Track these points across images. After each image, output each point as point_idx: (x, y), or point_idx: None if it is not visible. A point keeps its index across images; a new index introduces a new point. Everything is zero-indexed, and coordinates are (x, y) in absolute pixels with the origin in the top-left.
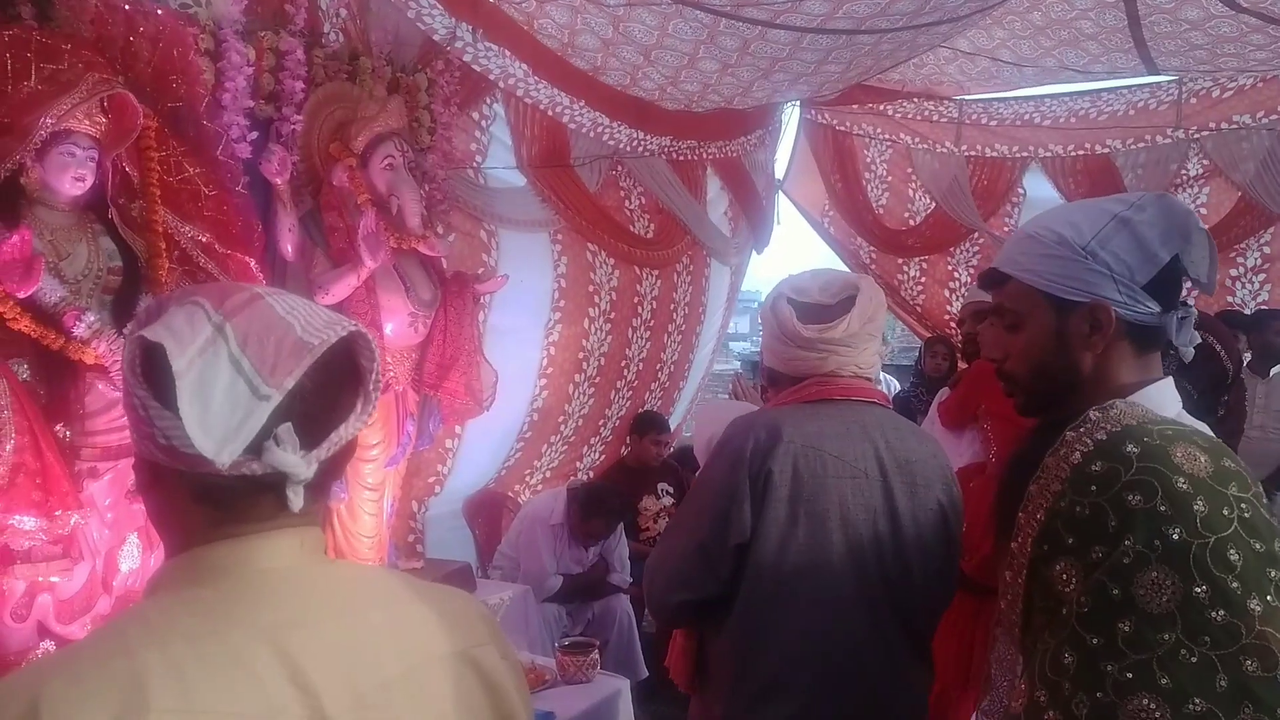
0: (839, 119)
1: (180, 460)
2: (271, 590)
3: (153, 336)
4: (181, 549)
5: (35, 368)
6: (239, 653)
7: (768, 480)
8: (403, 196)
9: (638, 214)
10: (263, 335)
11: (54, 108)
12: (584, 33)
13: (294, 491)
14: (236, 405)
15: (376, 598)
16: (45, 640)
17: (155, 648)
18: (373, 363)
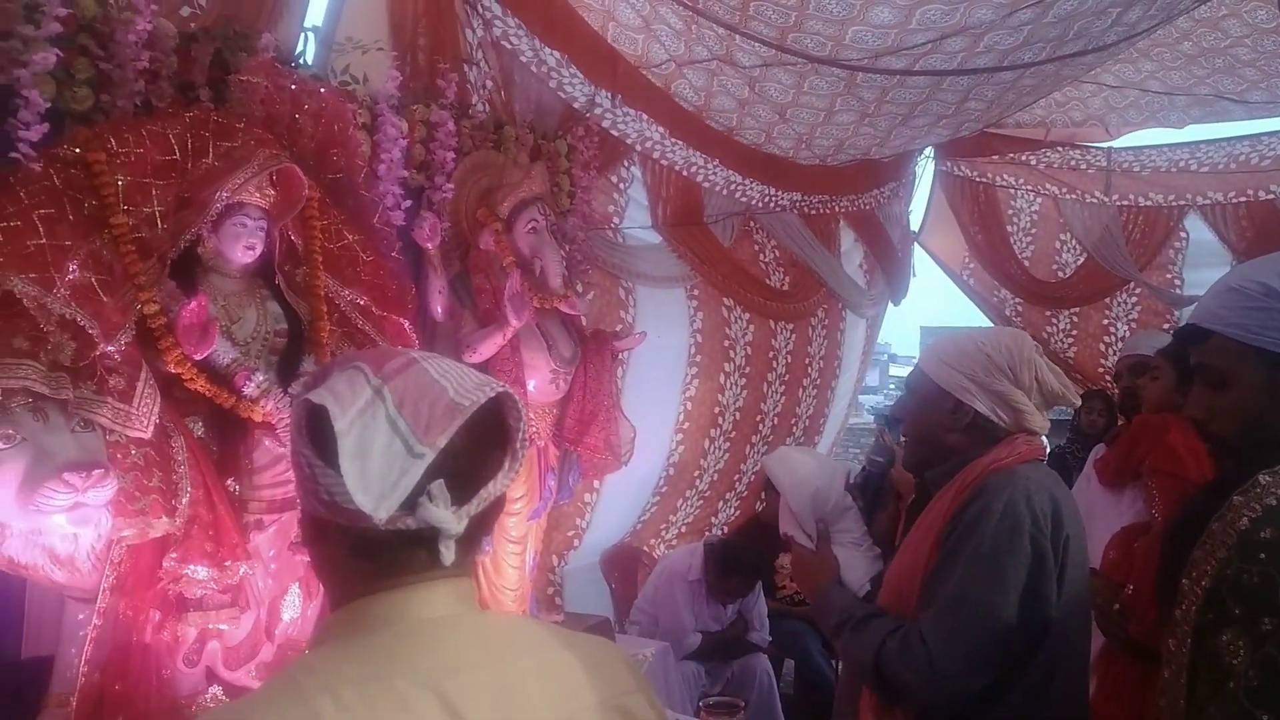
0: (977, 170)
1: (341, 515)
2: (430, 638)
3: (317, 399)
4: (344, 601)
5: (209, 425)
6: (403, 698)
7: (1066, 546)
8: (545, 258)
9: (773, 267)
10: (418, 397)
11: (229, 182)
12: (720, 94)
13: (446, 546)
14: (393, 463)
15: (529, 646)
16: (213, 685)
17: (326, 694)
18: (519, 422)
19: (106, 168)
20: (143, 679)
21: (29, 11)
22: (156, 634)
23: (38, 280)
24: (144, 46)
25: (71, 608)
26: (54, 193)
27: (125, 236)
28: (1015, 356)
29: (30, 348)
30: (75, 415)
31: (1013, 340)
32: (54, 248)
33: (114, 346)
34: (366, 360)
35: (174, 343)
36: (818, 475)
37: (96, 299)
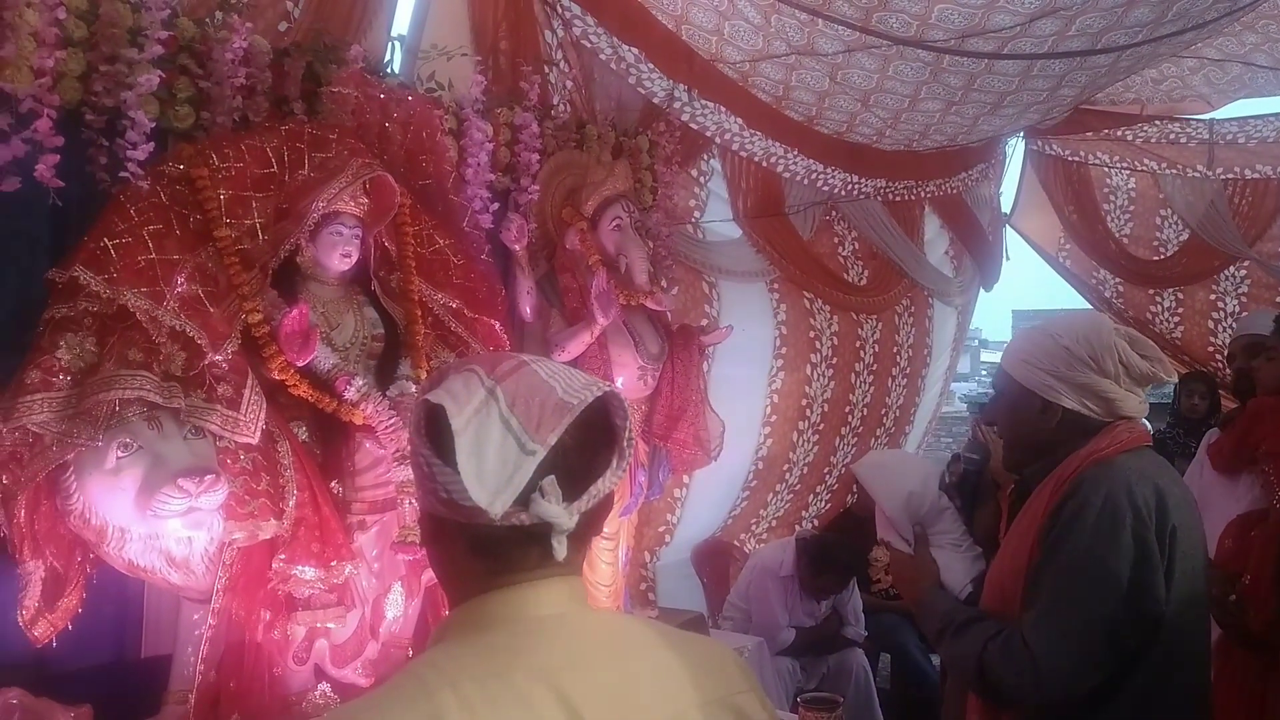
0: (1070, 149)
1: (459, 513)
2: (546, 635)
3: (435, 399)
4: (461, 599)
5: (312, 429)
6: (522, 693)
7: (1173, 537)
8: (630, 255)
9: (851, 260)
10: (529, 397)
11: (325, 193)
12: (798, 89)
13: (558, 541)
14: (507, 460)
15: (641, 644)
16: (322, 683)
17: (449, 689)
18: (625, 421)
19: (209, 183)
20: (255, 676)
21: (133, 35)
22: (267, 633)
23: (149, 294)
24: (240, 63)
25: (187, 608)
26: (161, 209)
27: (229, 249)
28: (1095, 344)
29: (144, 359)
30: (187, 423)
31: (1090, 327)
32: (163, 262)
33: (222, 356)
34: (480, 363)
35: (277, 350)
36: (910, 479)
37: (204, 310)
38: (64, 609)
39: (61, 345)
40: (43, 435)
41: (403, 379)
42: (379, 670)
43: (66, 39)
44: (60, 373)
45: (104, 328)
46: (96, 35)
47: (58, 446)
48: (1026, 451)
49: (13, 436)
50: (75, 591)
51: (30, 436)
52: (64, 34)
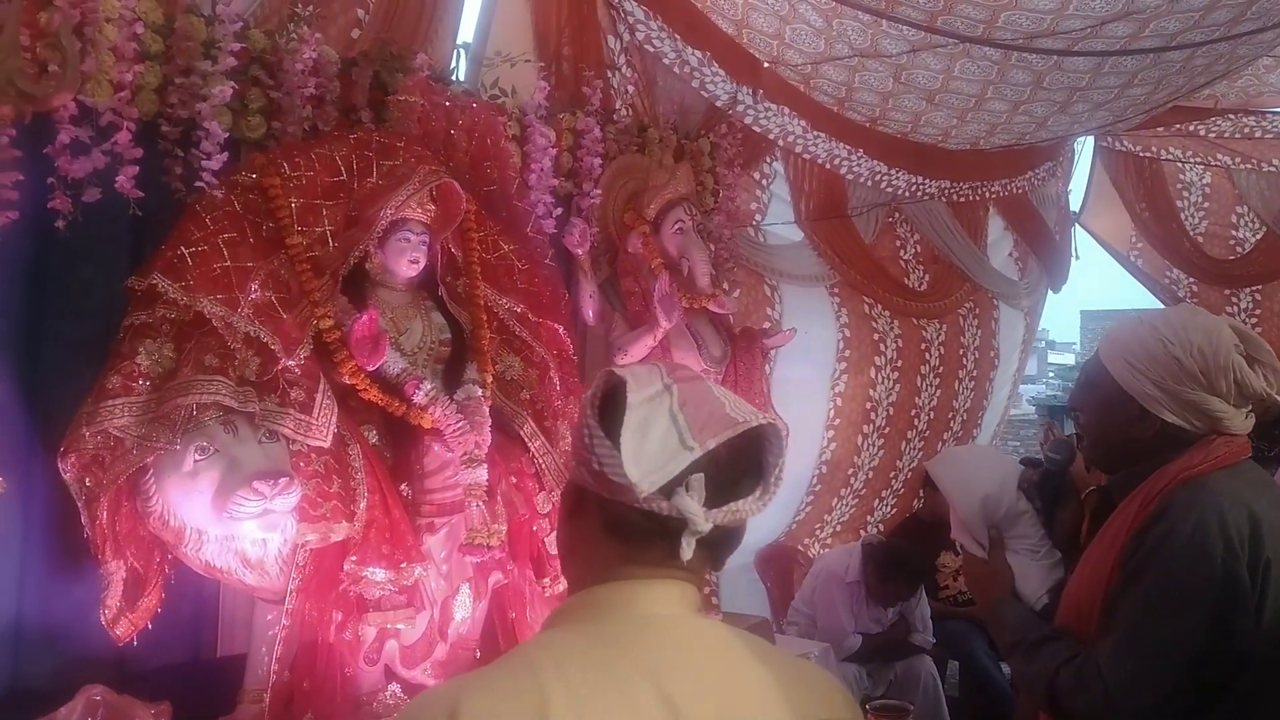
0: (1141, 144)
1: (605, 486)
2: (656, 633)
3: (620, 374)
4: (580, 584)
5: (382, 433)
6: (625, 685)
7: (1267, 569)
8: (692, 258)
9: (912, 265)
10: (699, 402)
11: (393, 200)
12: (861, 89)
13: (688, 542)
14: (666, 449)
15: (747, 657)
16: (392, 684)
17: (555, 671)
18: (778, 459)
19: (281, 191)
20: (328, 676)
21: (206, 48)
22: (339, 633)
23: (224, 301)
24: (310, 74)
25: (261, 609)
26: (235, 217)
27: (300, 256)
28: (1210, 361)
29: (220, 364)
30: (261, 427)
31: (1206, 340)
32: (237, 269)
33: (294, 361)
34: (663, 364)
35: (348, 355)
36: (987, 480)
37: (277, 316)
38: (144, 608)
39: (141, 351)
40: (123, 439)
41: (469, 383)
42: (447, 672)
43: (144, 53)
44: (140, 378)
45: (181, 334)
46: (172, 48)
47: (138, 450)
48: (1114, 454)
49: (95, 440)
50: (155, 591)
51: (111, 440)
52: (141, 48)
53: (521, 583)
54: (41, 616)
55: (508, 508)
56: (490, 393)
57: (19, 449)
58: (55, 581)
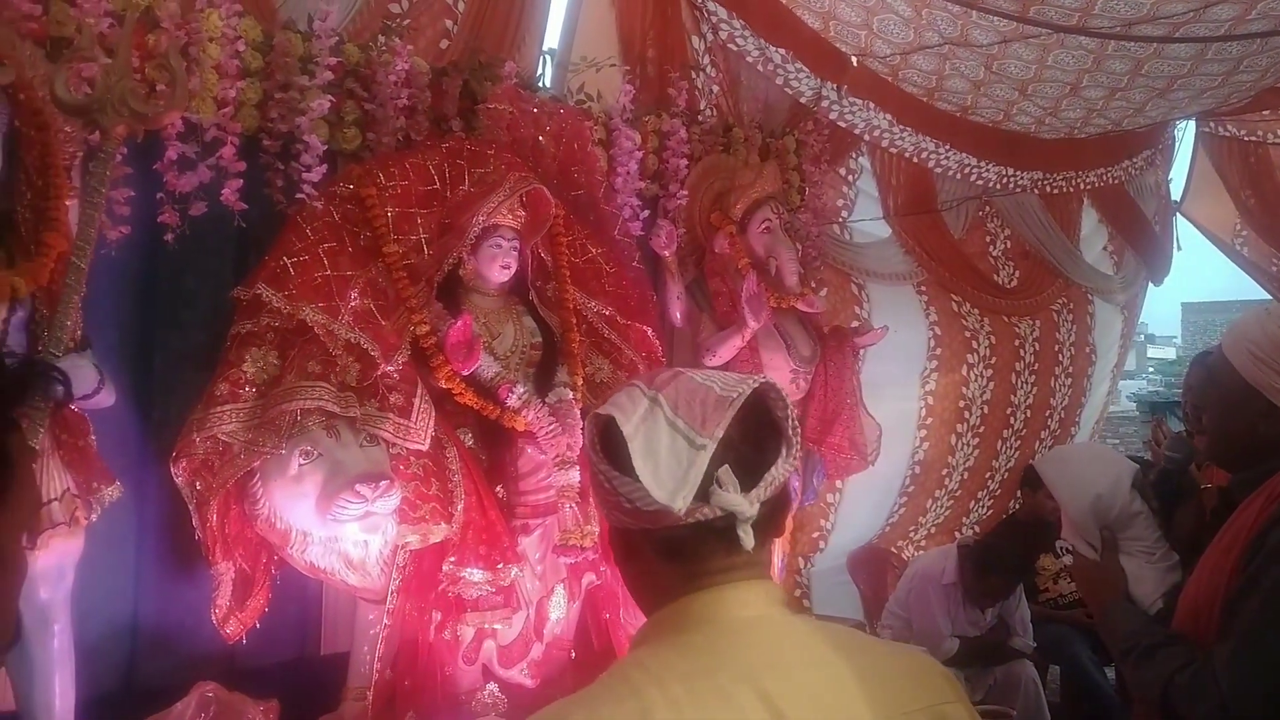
0: (1246, 128)
1: (644, 519)
2: (748, 636)
3: (604, 412)
4: (658, 608)
5: (477, 436)
6: (726, 692)
7: None
8: (780, 257)
9: (1001, 261)
10: (689, 399)
11: (485, 207)
12: (953, 77)
13: (744, 531)
14: (679, 458)
15: (844, 649)
16: (490, 683)
17: (656, 687)
18: (786, 410)
19: (377, 201)
20: (428, 675)
21: (303, 63)
22: (438, 633)
23: (326, 309)
24: (402, 85)
25: (363, 608)
26: (335, 227)
27: (396, 264)
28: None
29: (322, 371)
30: (362, 431)
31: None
32: (337, 278)
33: (393, 366)
34: (638, 379)
35: (444, 360)
36: (1099, 479)
37: (375, 323)
38: (252, 608)
39: (247, 359)
40: (231, 444)
41: (560, 385)
42: (543, 672)
43: (245, 70)
44: (246, 385)
45: (285, 341)
46: (271, 65)
47: (245, 454)
48: (1237, 452)
49: (205, 445)
50: (262, 591)
51: (220, 445)
52: (242, 65)
53: (615, 584)
54: (156, 616)
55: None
56: (581, 395)
57: (132, 455)
58: (168, 582)
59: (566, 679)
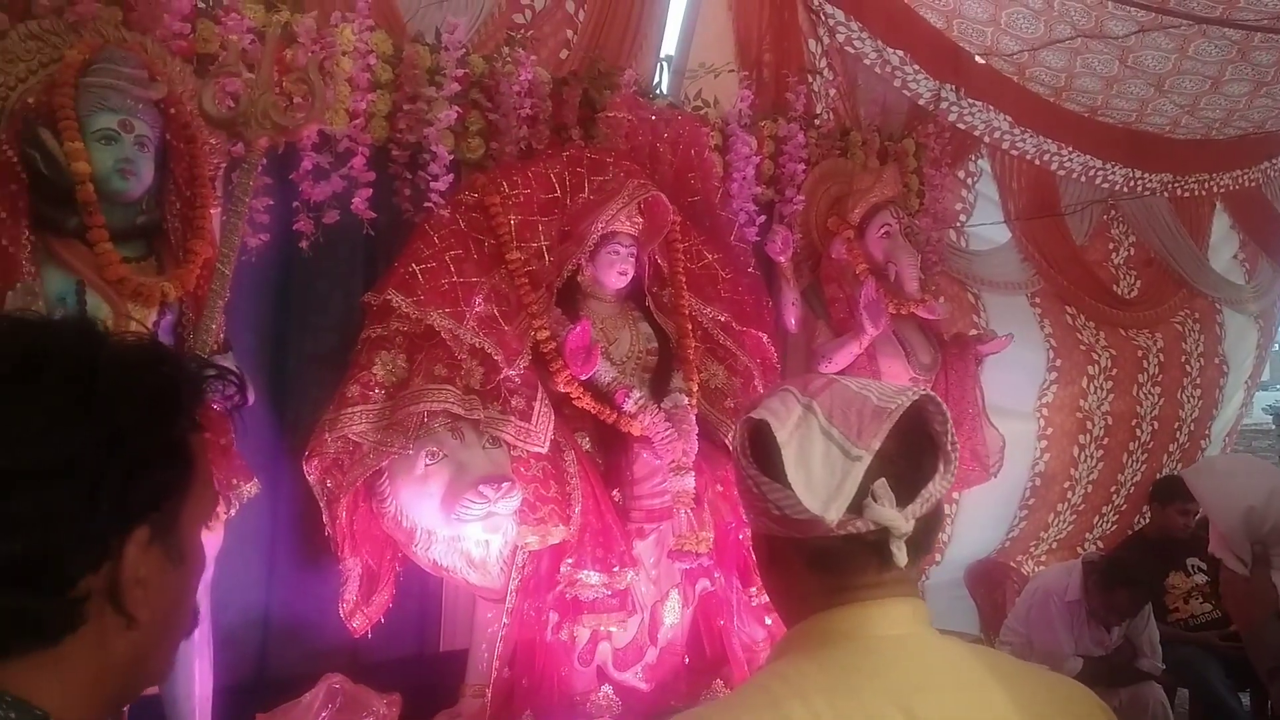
0: None
1: (794, 528)
2: (893, 655)
3: (757, 416)
4: (799, 619)
5: (594, 440)
6: (871, 710)
7: None
8: (900, 262)
9: (1123, 270)
10: (845, 407)
11: (604, 214)
12: (1084, 75)
13: (897, 547)
14: (833, 469)
15: (997, 674)
16: (604, 685)
17: (798, 701)
18: (946, 425)
19: (501, 209)
20: (546, 675)
21: (430, 75)
22: (555, 634)
23: (452, 314)
24: (525, 95)
25: (482, 607)
26: (460, 235)
27: (519, 270)
28: None
29: (448, 374)
30: (485, 433)
31: None
32: (463, 285)
33: (515, 370)
34: (791, 384)
35: (563, 365)
36: (1253, 492)
37: (499, 328)
38: (378, 603)
39: (376, 362)
40: (361, 444)
41: (676, 391)
42: (657, 676)
43: (375, 82)
44: (376, 387)
45: (413, 346)
46: (400, 77)
47: (374, 454)
48: None
49: (336, 445)
50: (387, 587)
51: (351, 445)
52: (373, 78)
53: (728, 591)
54: (286, 608)
55: (714, 515)
56: (696, 401)
57: (267, 454)
58: (299, 576)
59: (680, 684)
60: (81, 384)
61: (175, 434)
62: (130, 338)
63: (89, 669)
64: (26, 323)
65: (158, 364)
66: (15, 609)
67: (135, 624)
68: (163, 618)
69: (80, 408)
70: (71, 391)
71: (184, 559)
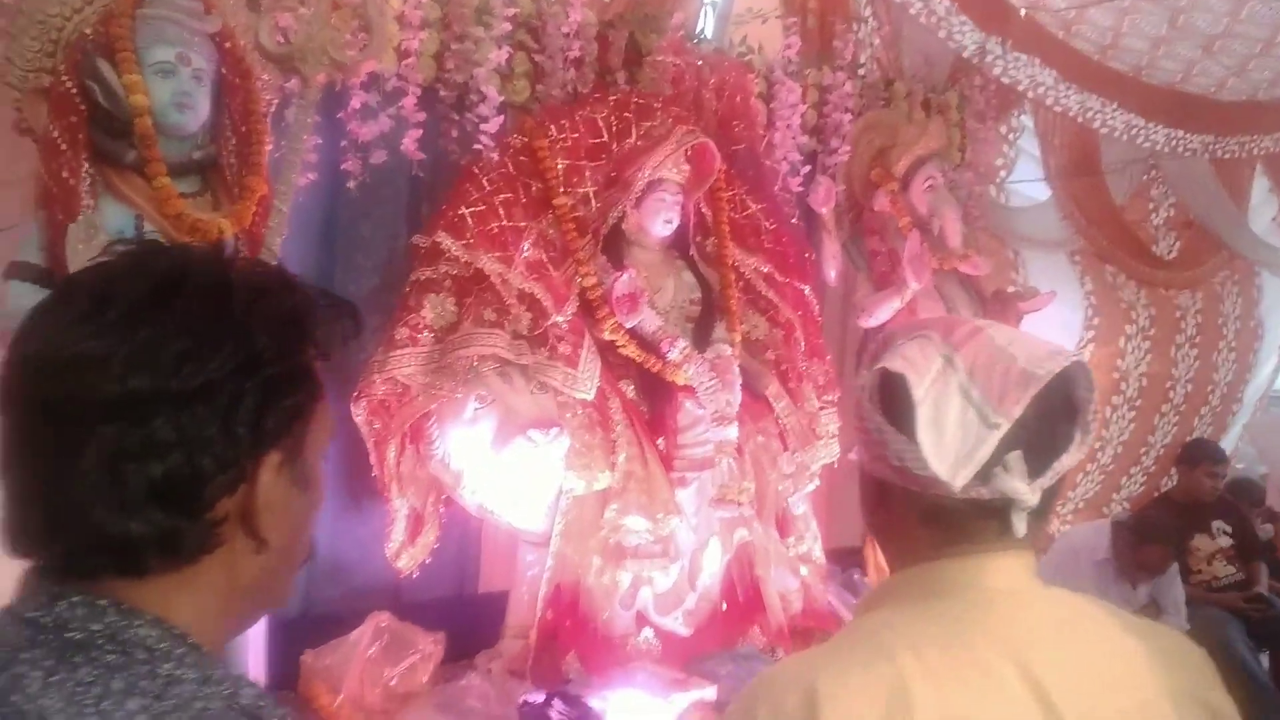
0: None
1: (912, 481)
2: (1006, 608)
3: (895, 367)
4: (906, 564)
5: (639, 389)
6: (986, 664)
7: None
8: (944, 216)
9: (1163, 231)
10: (989, 366)
11: (651, 160)
12: (1130, 35)
13: (1018, 518)
14: (968, 433)
15: (1105, 626)
16: (644, 629)
17: (910, 652)
18: (1090, 393)
19: (549, 153)
20: (589, 617)
21: (478, 15)
22: (598, 578)
23: (501, 258)
24: (572, 37)
25: (524, 550)
26: (509, 179)
27: (565, 215)
28: None
29: (497, 319)
30: (533, 379)
31: None
32: (511, 229)
33: (563, 317)
34: (933, 328)
35: (609, 312)
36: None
37: (547, 274)
38: (423, 544)
39: (426, 305)
40: (409, 386)
41: (719, 342)
42: (695, 621)
43: (424, 20)
44: (425, 329)
45: (461, 289)
46: (449, 15)
47: (424, 397)
48: None
49: (384, 386)
50: (433, 529)
51: (399, 387)
52: (423, 15)
53: (766, 541)
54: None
55: (755, 467)
56: (738, 352)
57: None
58: (344, 516)
59: (716, 630)
60: (219, 307)
61: (305, 360)
62: (258, 264)
63: (220, 591)
64: (160, 247)
65: (288, 290)
66: (158, 530)
67: (265, 548)
68: (289, 543)
69: (218, 331)
70: (209, 315)
71: (309, 485)
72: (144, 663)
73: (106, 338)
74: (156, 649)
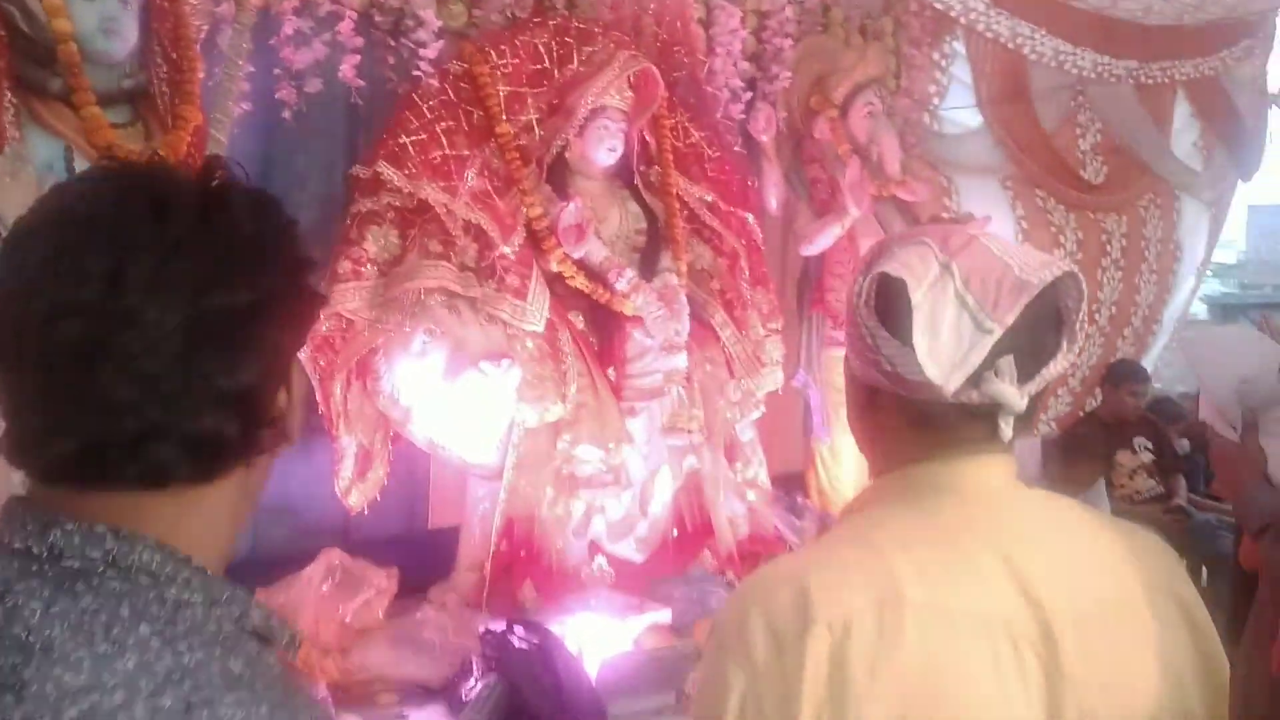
0: None
1: (903, 385)
2: (991, 506)
3: (894, 271)
4: (891, 467)
5: (588, 320)
6: (972, 559)
7: None
8: (883, 143)
9: (1090, 156)
10: (984, 273)
11: (594, 86)
12: None
13: (1006, 422)
14: (961, 338)
15: (1084, 525)
16: (598, 556)
17: (900, 551)
18: (1079, 303)
19: (490, 80)
20: (543, 548)
21: None
22: (551, 509)
23: (445, 188)
24: None
25: (473, 484)
26: (451, 106)
27: (508, 144)
28: None
29: (443, 250)
30: (481, 311)
31: None
32: (455, 158)
33: (510, 247)
34: (930, 236)
35: (556, 243)
36: (1245, 362)
37: (492, 204)
38: (373, 480)
39: (368, 237)
40: (354, 321)
41: (665, 271)
42: (648, 548)
43: None
44: (368, 263)
45: (405, 221)
46: None
47: (370, 332)
48: None
49: (328, 322)
50: (381, 465)
51: (343, 323)
52: None
53: (715, 468)
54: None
55: (703, 395)
56: (685, 281)
57: None
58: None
59: (667, 554)
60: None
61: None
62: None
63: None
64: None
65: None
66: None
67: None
68: None
69: (268, 245)
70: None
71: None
72: (149, 588)
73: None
74: (161, 574)
